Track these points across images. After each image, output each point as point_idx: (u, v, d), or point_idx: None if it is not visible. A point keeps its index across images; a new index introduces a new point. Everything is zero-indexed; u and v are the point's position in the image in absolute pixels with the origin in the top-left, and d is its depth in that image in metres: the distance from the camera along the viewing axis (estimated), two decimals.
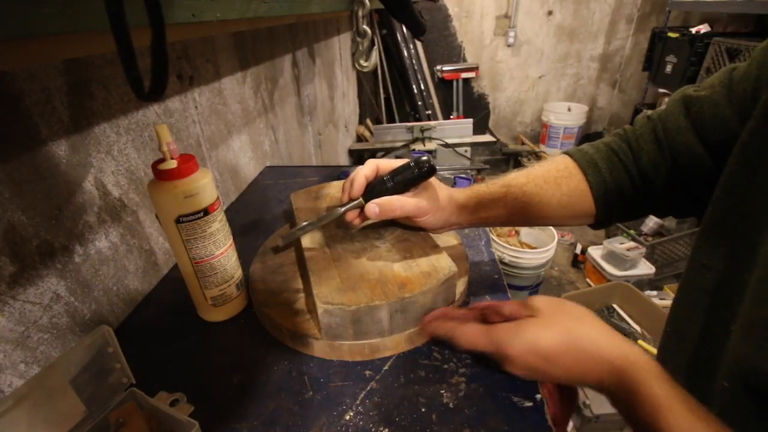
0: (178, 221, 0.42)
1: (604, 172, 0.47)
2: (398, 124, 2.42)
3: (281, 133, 1.14)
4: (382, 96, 2.75)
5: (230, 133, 0.83)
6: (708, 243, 0.38)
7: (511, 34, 2.98)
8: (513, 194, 0.48)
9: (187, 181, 0.42)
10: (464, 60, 3.12)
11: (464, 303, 0.52)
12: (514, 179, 0.49)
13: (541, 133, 3.26)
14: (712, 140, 0.41)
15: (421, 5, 2.73)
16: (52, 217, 0.43)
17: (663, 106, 0.46)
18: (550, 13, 2.94)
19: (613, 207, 0.48)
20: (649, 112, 0.47)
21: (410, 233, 0.53)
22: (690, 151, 0.42)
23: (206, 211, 0.44)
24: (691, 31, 2.21)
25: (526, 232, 2.06)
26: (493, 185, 0.49)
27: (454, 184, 0.81)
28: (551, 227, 1.94)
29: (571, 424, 1.28)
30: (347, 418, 0.39)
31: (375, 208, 0.46)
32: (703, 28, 2.23)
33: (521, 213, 0.48)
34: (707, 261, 0.38)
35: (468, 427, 0.37)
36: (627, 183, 0.47)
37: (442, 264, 0.47)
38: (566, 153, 0.50)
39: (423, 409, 0.39)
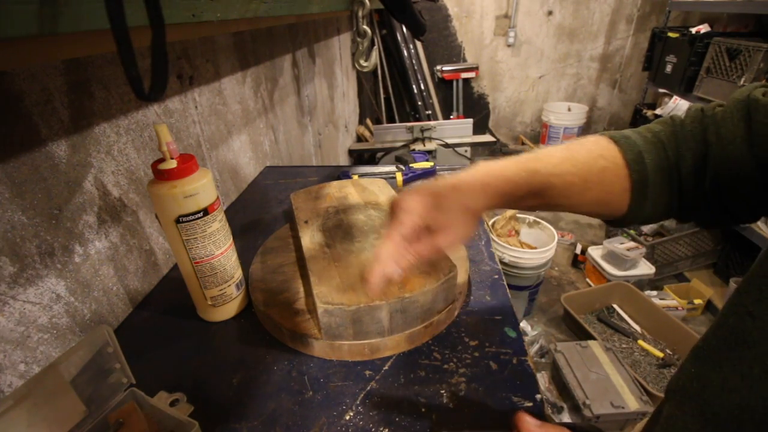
0: (177, 221, 0.42)
1: (650, 172, 0.40)
2: (398, 124, 2.42)
3: (281, 133, 1.14)
4: (382, 96, 2.75)
5: (230, 133, 0.83)
6: (759, 290, 0.33)
7: (511, 34, 2.98)
8: (551, 189, 0.40)
9: (187, 181, 0.42)
10: (464, 60, 3.12)
11: (464, 303, 0.52)
12: (557, 167, 0.40)
13: (541, 133, 3.26)
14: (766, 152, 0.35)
15: (421, 5, 2.73)
16: (52, 217, 0.43)
17: (722, 103, 0.39)
18: (550, 13, 2.94)
19: (644, 211, 0.42)
20: (703, 106, 0.40)
21: None
22: (738, 166, 0.36)
23: (206, 211, 0.44)
24: (691, 31, 2.21)
25: (526, 232, 2.06)
26: (532, 177, 0.40)
27: None
28: (551, 227, 1.94)
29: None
30: (347, 418, 0.39)
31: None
32: (703, 28, 2.23)
33: (552, 206, 0.42)
34: (754, 309, 0.33)
35: (468, 428, 0.37)
36: (666, 187, 0.41)
37: (442, 264, 0.47)
38: (612, 139, 0.41)
39: (423, 409, 0.39)
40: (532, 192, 0.40)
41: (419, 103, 2.78)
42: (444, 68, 3.03)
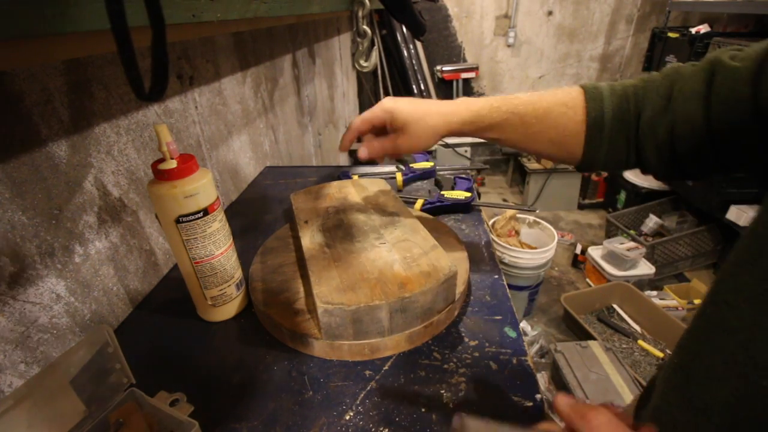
0: (177, 221, 0.42)
1: (607, 120, 0.43)
2: None
3: (281, 133, 1.14)
4: (382, 96, 2.75)
5: (230, 133, 0.83)
6: (734, 278, 0.33)
7: (511, 34, 2.98)
8: (509, 125, 0.46)
9: (187, 181, 0.42)
10: (464, 60, 3.12)
11: (464, 303, 0.52)
12: (518, 107, 0.46)
13: None
14: (720, 119, 0.37)
15: (421, 5, 2.73)
16: (52, 217, 0.43)
17: (696, 64, 0.41)
18: (550, 13, 2.94)
19: (599, 156, 0.45)
20: (683, 65, 0.42)
21: (410, 233, 0.53)
22: (692, 123, 0.38)
23: (206, 211, 0.44)
24: (691, 31, 2.21)
25: (526, 232, 2.06)
26: (494, 111, 0.46)
27: (454, 185, 0.81)
28: (551, 227, 1.94)
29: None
30: (347, 418, 0.39)
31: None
32: (703, 28, 2.23)
33: (511, 141, 0.48)
34: (731, 298, 0.33)
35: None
36: (623, 136, 0.44)
37: (442, 263, 0.47)
38: (583, 88, 0.46)
39: (423, 409, 0.39)
40: (492, 124, 0.47)
41: None
42: (444, 68, 3.03)
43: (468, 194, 0.75)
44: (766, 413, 0.28)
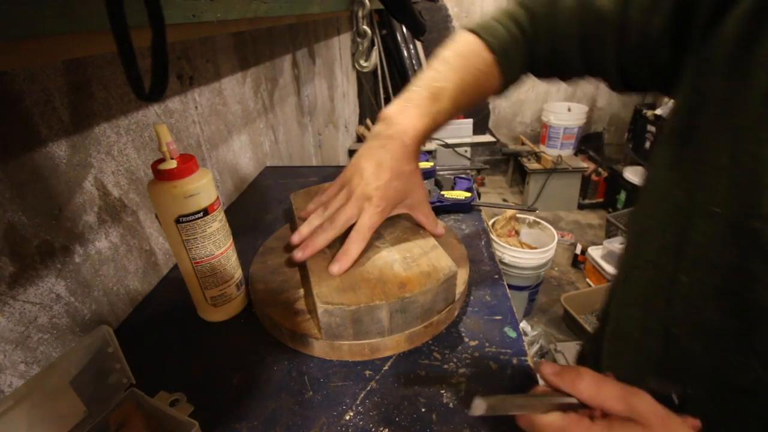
0: (177, 221, 0.42)
1: (514, 61, 0.51)
2: None
3: (281, 134, 1.14)
4: (382, 96, 2.75)
5: (230, 134, 0.83)
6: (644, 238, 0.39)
7: None
8: (451, 114, 0.50)
9: (187, 181, 0.42)
10: None
11: (464, 304, 0.52)
12: (453, 100, 0.49)
13: (541, 133, 3.26)
14: (593, 60, 0.47)
15: (421, 5, 2.73)
16: (52, 217, 0.43)
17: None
18: None
19: (512, 83, 0.55)
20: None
21: (410, 233, 0.53)
22: (570, 65, 0.50)
23: (206, 211, 0.44)
24: None
25: (526, 233, 2.06)
26: (437, 116, 0.49)
27: (454, 185, 0.81)
28: (551, 227, 1.95)
29: None
30: (347, 418, 0.39)
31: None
32: None
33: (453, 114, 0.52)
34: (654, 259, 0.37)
35: (468, 427, 0.37)
36: (525, 68, 0.54)
37: (442, 264, 0.47)
38: (478, 35, 0.50)
39: (423, 409, 0.39)
40: (438, 126, 0.50)
41: None
42: None
43: (468, 194, 0.75)
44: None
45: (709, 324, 0.31)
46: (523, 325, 1.90)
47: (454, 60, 0.49)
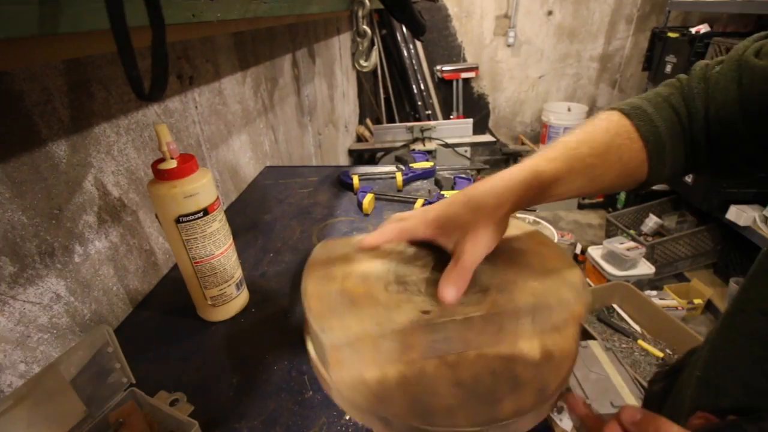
0: (177, 221, 0.42)
1: (665, 140, 0.40)
2: (398, 124, 2.42)
3: (281, 133, 1.14)
4: (382, 96, 2.75)
5: (230, 133, 0.83)
6: None
7: (511, 34, 2.97)
8: (576, 170, 0.39)
9: (187, 181, 0.42)
10: (464, 60, 3.12)
11: None
12: (577, 151, 0.39)
13: (541, 133, 3.26)
14: (755, 111, 0.36)
15: (421, 5, 2.73)
16: (52, 217, 0.43)
17: (721, 62, 0.40)
18: (550, 13, 2.94)
19: (663, 174, 0.42)
20: (708, 62, 0.42)
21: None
22: (731, 126, 0.38)
23: (206, 211, 0.44)
24: (691, 31, 2.20)
25: None
26: (556, 161, 0.38)
27: (454, 185, 0.81)
28: (551, 227, 1.94)
29: (570, 424, 1.28)
30: (347, 417, 0.39)
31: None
32: (703, 28, 2.22)
33: (578, 190, 0.40)
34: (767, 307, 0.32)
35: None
36: (681, 149, 0.42)
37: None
38: (624, 113, 0.41)
39: None
40: (556, 178, 0.38)
41: (419, 103, 2.77)
42: (444, 68, 3.03)
43: None
44: None
45: None
46: None
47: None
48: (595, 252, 2.13)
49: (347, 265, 0.33)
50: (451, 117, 3.10)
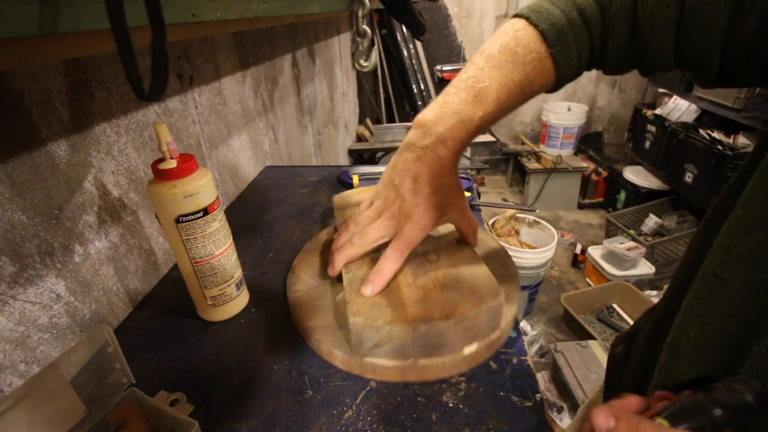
0: (177, 221, 0.42)
1: (573, 54, 0.41)
2: (398, 124, 2.42)
3: (281, 133, 1.14)
4: (382, 96, 2.75)
5: (230, 133, 0.83)
6: (727, 252, 0.31)
7: None
8: (497, 117, 0.43)
9: (187, 180, 0.42)
10: (464, 60, 3.12)
11: None
12: (499, 98, 0.41)
13: (541, 133, 3.26)
14: (690, 46, 0.36)
15: (421, 5, 2.73)
16: (52, 217, 0.43)
17: None
18: None
19: (568, 77, 0.43)
20: None
21: (452, 248, 0.50)
22: (659, 54, 0.37)
23: (206, 211, 0.44)
24: None
25: (526, 232, 2.06)
26: (471, 114, 0.41)
27: None
28: (551, 227, 1.95)
29: (569, 422, 1.28)
30: (347, 417, 0.39)
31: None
32: None
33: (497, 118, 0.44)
34: (722, 272, 0.31)
35: (468, 427, 0.37)
36: (586, 61, 0.42)
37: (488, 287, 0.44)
38: (530, 21, 0.41)
39: (423, 409, 0.39)
40: (480, 131, 0.43)
41: (419, 103, 2.77)
42: (444, 68, 3.03)
43: (468, 194, 0.75)
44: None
45: None
46: (523, 324, 1.91)
47: (499, 54, 0.41)
48: (595, 252, 2.13)
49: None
50: None
